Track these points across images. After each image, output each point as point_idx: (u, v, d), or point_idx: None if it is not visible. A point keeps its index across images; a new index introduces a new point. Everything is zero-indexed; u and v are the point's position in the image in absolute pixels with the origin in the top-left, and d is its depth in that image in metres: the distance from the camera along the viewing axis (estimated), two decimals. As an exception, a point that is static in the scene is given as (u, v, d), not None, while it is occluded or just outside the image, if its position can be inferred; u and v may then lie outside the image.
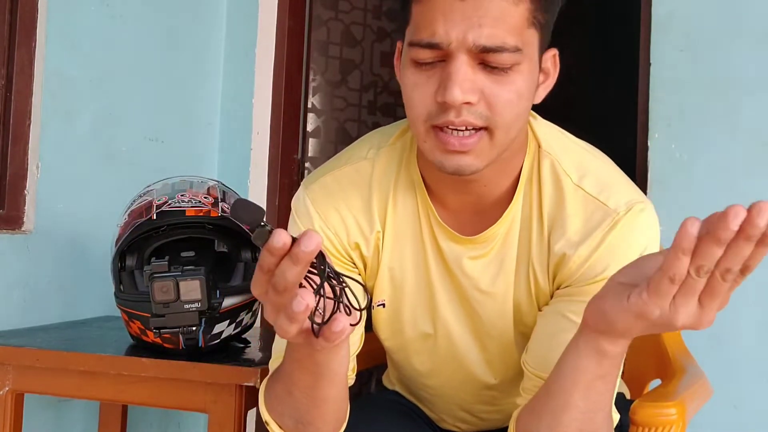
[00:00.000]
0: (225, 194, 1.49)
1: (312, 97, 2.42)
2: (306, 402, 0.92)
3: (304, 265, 0.68)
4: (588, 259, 0.97)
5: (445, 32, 0.86)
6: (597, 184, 0.99)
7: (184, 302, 1.28)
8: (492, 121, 0.89)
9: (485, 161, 0.92)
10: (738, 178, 1.77)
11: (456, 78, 0.86)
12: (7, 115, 1.71)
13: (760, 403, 1.73)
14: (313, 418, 0.94)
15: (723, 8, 1.80)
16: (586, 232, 0.97)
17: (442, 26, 0.86)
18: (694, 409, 1.23)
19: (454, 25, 0.86)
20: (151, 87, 2.10)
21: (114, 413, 1.80)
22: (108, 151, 1.96)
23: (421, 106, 0.90)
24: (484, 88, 0.88)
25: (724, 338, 1.75)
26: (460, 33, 0.86)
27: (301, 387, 0.91)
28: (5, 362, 1.42)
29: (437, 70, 0.89)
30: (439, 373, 1.14)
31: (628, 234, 0.97)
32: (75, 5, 1.86)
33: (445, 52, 0.87)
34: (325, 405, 0.92)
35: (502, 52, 0.86)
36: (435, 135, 0.90)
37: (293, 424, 0.96)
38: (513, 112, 0.90)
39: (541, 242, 1.01)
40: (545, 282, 1.02)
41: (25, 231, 1.74)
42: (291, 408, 0.94)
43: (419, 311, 1.09)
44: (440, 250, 1.05)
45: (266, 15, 2.29)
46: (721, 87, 1.79)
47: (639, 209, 0.98)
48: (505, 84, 0.88)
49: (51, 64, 1.78)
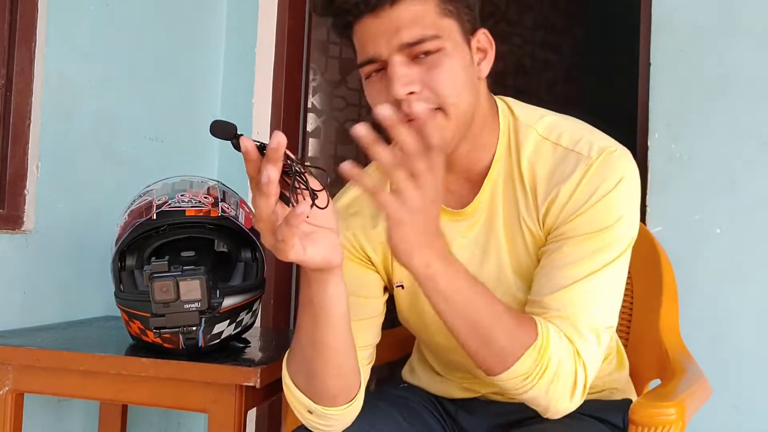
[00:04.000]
0: (225, 194, 1.49)
1: (312, 97, 2.42)
2: (310, 349, 1.02)
3: (274, 162, 0.79)
4: (570, 197, 1.07)
5: (374, 46, 1.03)
6: (572, 138, 1.10)
7: (184, 302, 1.28)
8: (440, 100, 1.03)
9: (449, 134, 1.04)
10: (738, 178, 1.76)
11: (393, 76, 1.02)
12: (7, 115, 1.71)
13: (760, 403, 1.73)
14: (318, 368, 1.03)
15: (723, 8, 1.80)
16: (565, 177, 1.08)
17: (371, 44, 1.04)
18: (694, 409, 1.23)
19: (378, 38, 1.03)
20: (151, 87, 2.10)
21: (114, 413, 1.80)
22: (108, 151, 1.96)
23: None
24: (422, 77, 1.02)
25: (724, 338, 1.75)
26: (385, 42, 1.02)
27: (305, 332, 1.01)
28: (5, 362, 1.42)
29: (383, 78, 1.04)
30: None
31: (604, 169, 1.06)
32: (75, 5, 1.86)
33: (383, 62, 1.03)
34: (326, 353, 1.01)
35: (422, 42, 1.02)
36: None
37: (304, 380, 1.06)
38: (453, 86, 1.03)
39: (527, 200, 1.11)
40: (539, 233, 1.11)
41: (25, 231, 1.74)
42: (299, 360, 1.05)
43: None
44: None
45: (266, 15, 2.29)
46: (721, 87, 1.79)
47: (611, 151, 1.08)
48: (436, 67, 1.03)
49: (51, 64, 1.78)
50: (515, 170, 1.12)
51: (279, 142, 0.79)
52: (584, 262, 1.04)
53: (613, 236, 1.05)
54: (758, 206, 1.75)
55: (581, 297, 1.03)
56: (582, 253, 1.04)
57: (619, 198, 1.06)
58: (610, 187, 1.05)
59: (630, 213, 1.07)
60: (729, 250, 1.76)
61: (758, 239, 1.74)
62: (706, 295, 1.76)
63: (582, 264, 1.04)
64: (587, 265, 1.04)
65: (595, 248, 1.04)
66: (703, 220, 1.78)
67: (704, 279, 1.76)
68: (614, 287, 1.07)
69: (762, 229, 1.74)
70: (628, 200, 1.07)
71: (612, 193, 1.05)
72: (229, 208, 1.45)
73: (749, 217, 1.75)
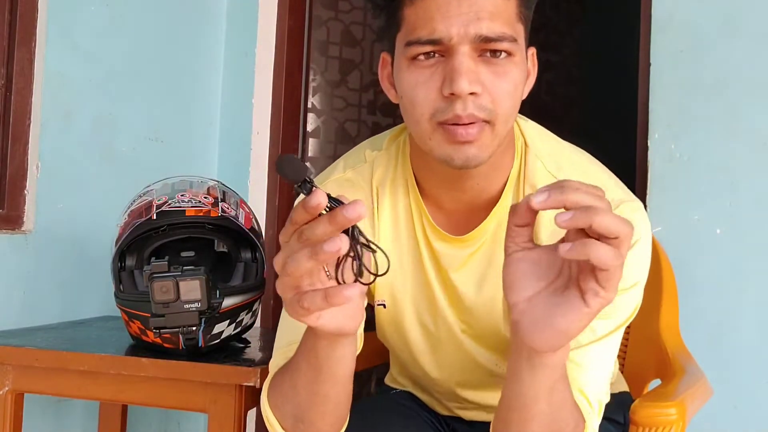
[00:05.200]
0: (225, 194, 1.49)
1: (312, 97, 2.42)
2: (308, 398, 0.92)
3: (338, 228, 0.69)
4: None
5: (446, 28, 0.89)
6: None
7: (184, 302, 1.28)
8: (493, 113, 0.92)
9: (488, 153, 0.94)
10: (738, 178, 1.76)
11: (461, 69, 0.89)
12: (7, 115, 1.71)
13: (760, 403, 1.73)
14: (313, 417, 0.93)
15: (723, 8, 1.80)
16: None
17: (441, 23, 0.90)
18: (694, 409, 1.23)
19: (453, 21, 0.89)
20: (151, 87, 2.09)
21: (114, 413, 1.80)
22: (108, 151, 1.96)
23: (425, 103, 0.92)
24: (485, 81, 0.91)
25: (724, 338, 1.75)
26: (461, 27, 0.89)
27: (305, 381, 0.91)
28: (5, 362, 1.42)
29: (438, 66, 0.92)
30: (445, 368, 1.15)
31: None
32: (75, 5, 1.86)
33: (446, 47, 0.90)
34: (325, 404, 0.92)
35: (502, 40, 0.90)
36: (443, 130, 0.92)
37: (293, 423, 0.95)
38: (511, 103, 0.93)
39: None
40: None
41: (25, 231, 1.74)
42: (293, 404, 0.94)
43: (421, 310, 1.11)
44: (434, 250, 1.07)
45: (266, 15, 2.29)
46: (721, 87, 1.79)
47: (628, 206, 0.99)
48: (502, 75, 0.92)
49: (51, 64, 1.78)
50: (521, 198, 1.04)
51: (359, 214, 0.69)
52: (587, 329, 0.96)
53: (623, 302, 0.97)
54: (758, 206, 1.75)
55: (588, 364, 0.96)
56: None
57: (634, 263, 0.97)
58: None
59: (644, 279, 1.00)
60: (729, 250, 1.76)
61: (758, 239, 1.74)
62: (706, 295, 1.76)
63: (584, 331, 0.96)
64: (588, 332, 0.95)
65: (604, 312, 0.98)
66: (703, 220, 1.78)
67: (704, 279, 1.76)
68: (614, 354, 1.01)
69: (762, 229, 1.74)
70: (643, 266, 1.00)
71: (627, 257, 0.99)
72: (229, 208, 1.45)
73: (749, 217, 1.75)
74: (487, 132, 0.92)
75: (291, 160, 0.71)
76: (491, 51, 0.91)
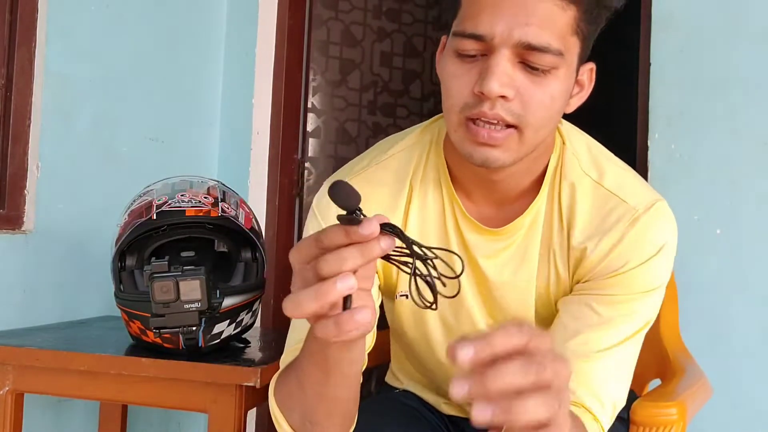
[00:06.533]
0: (225, 194, 1.49)
1: (312, 97, 2.42)
2: (315, 400, 0.89)
3: (367, 260, 0.65)
4: (608, 253, 0.99)
5: (491, 25, 0.87)
6: (616, 182, 1.02)
7: (184, 302, 1.28)
8: (523, 120, 0.90)
9: (512, 157, 0.93)
10: (738, 178, 1.76)
11: (495, 70, 0.87)
12: (7, 115, 1.71)
13: (760, 403, 1.73)
14: (321, 418, 0.91)
15: (723, 8, 1.80)
16: (606, 228, 1.00)
17: (488, 19, 0.88)
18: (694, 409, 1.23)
19: (500, 20, 0.87)
20: (151, 87, 2.09)
21: (114, 413, 1.80)
22: (108, 151, 1.96)
23: (458, 96, 0.92)
24: (520, 86, 0.89)
25: (724, 338, 1.75)
26: (506, 28, 0.87)
27: (312, 383, 0.88)
28: (5, 362, 1.42)
29: (478, 62, 0.90)
30: None
31: (648, 230, 0.99)
32: (75, 5, 1.86)
33: (488, 46, 0.88)
34: (333, 405, 0.90)
35: (545, 52, 0.88)
36: (467, 126, 0.92)
37: (300, 422, 0.93)
38: (544, 114, 0.91)
39: (562, 236, 1.03)
40: (566, 275, 1.03)
41: (25, 231, 1.74)
42: (300, 404, 0.92)
43: (443, 301, 1.08)
44: (465, 241, 1.06)
45: (266, 15, 2.29)
46: (721, 87, 1.79)
47: (658, 207, 1.00)
48: (541, 85, 0.89)
49: (51, 64, 1.78)
50: (556, 202, 1.04)
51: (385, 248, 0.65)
52: (611, 327, 0.98)
53: (644, 305, 0.99)
54: (758, 206, 1.75)
55: (607, 367, 0.97)
56: (610, 316, 0.98)
57: (658, 266, 0.99)
58: (652, 252, 0.98)
59: (665, 282, 1.01)
60: (729, 250, 1.76)
61: (758, 239, 1.74)
62: (706, 295, 1.76)
63: (609, 330, 0.98)
64: (614, 332, 0.98)
65: (625, 312, 0.98)
66: (703, 220, 1.78)
67: (704, 279, 1.76)
68: (634, 357, 1.02)
69: (762, 229, 1.74)
70: (666, 269, 1.01)
71: (654, 259, 0.98)
72: (229, 208, 1.44)
73: (749, 217, 1.75)
74: (514, 138, 0.91)
75: (345, 188, 0.66)
76: (534, 61, 0.88)
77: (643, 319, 1.00)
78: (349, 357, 0.82)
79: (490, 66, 0.88)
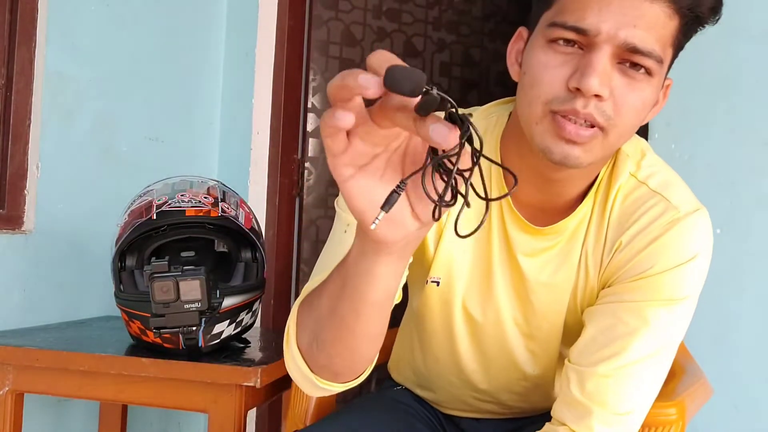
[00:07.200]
0: (225, 194, 1.49)
1: (312, 97, 2.42)
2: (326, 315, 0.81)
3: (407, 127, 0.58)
4: (641, 251, 0.97)
5: (597, 21, 0.85)
6: (662, 183, 1.00)
7: (184, 302, 1.28)
8: (612, 122, 0.88)
9: (592, 158, 0.91)
10: (738, 178, 1.77)
11: (597, 67, 0.85)
12: (7, 115, 1.71)
13: (760, 403, 1.73)
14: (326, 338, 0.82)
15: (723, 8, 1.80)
16: (645, 223, 0.98)
17: (595, 15, 0.85)
18: (695, 409, 1.23)
19: (608, 17, 0.85)
20: (151, 87, 2.10)
21: (114, 413, 1.80)
22: (108, 151, 1.96)
23: (547, 87, 0.89)
24: (615, 88, 0.87)
25: (724, 338, 1.75)
26: (613, 27, 0.85)
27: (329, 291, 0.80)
28: (5, 362, 1.42)
29: (574, 56, 0.88)
30: (481, 358, 1.13)
31: (685, 235, 0.97)
32: (75, 5, 1.86)
33: (589, 41, 0.86)
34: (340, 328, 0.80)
35: (649, 57, 0.86)
36: (552, 119, 0.89)
37: (308, 342, 0.85)
38: (633, 119, 0.90)
39: (599, 236, 1.01)
40: (595, 279, 1.02)
41: (25, 231, 1.74)
42: (315, 317, 0.84)
43: (473, 294, 1.07)
44: (507, 237, 1.04)
45: (266, 15, 2.29)
46: (721, 87, 1.79)
47: (702, 215, 0.99)
48: (635, 90, 0.88)
49: (51, 64, 1.78)
50: (599, 204, 1.02)
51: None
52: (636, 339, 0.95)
53: (674, 317, 0.97)
54: (758, 206, 1.75)
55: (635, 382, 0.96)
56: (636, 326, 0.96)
57: (689, 275, 0.97)
58: (684, 258, 0.96)
59: (697, 293, 0.99)
60: (729, 250, 1.76)
61: (758, 239, 1.74)
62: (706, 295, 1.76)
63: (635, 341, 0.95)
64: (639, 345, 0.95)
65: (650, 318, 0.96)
66: (703, 220, 1.77)
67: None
68: (662, 374, 0.99)
69: (762, 229, 1.74)
70: (698, 280, 1.00)
71: (684, 267, 0.97)
72: (229, 208, 1.45)
73: (749, 217, 1.75)
74: (598, 139, 0.89)
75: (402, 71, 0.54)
76: (632, 63, 0.87)
77: (668, 335, 0.97)
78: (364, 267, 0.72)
79: (591, 62, 0.85)
